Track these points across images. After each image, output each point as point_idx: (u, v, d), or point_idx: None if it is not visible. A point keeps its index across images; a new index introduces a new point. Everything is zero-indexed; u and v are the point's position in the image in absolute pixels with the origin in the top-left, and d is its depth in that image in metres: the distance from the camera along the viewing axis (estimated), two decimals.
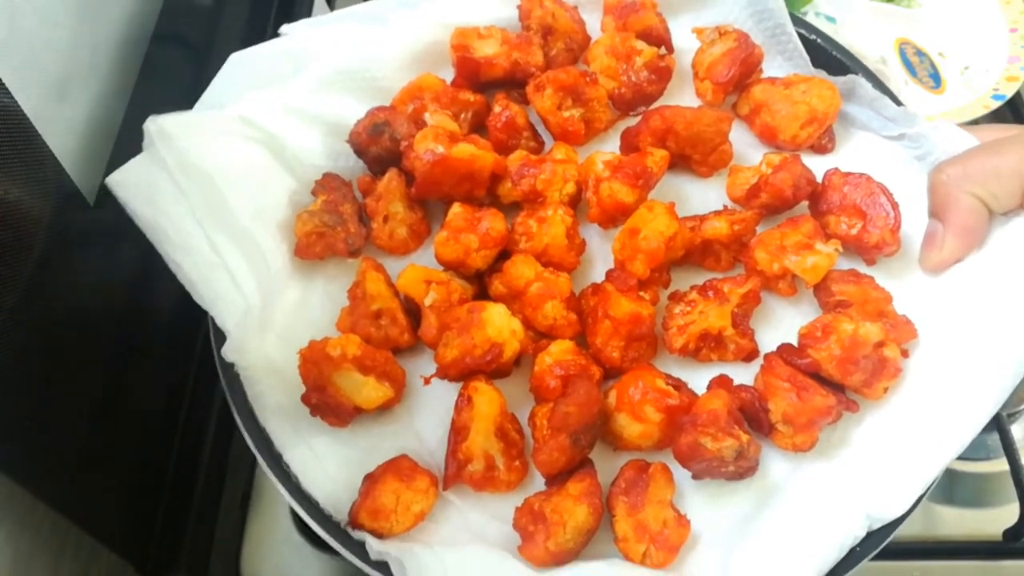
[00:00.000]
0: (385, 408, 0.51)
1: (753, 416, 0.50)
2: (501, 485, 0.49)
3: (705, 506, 0.49)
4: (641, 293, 0.53)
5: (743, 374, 0.52)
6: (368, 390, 0.49)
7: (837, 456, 0.49)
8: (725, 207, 0.57)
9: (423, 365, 0.52)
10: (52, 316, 0.49)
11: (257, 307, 0.50)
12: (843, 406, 0.49)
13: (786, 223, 0.54)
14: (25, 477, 0.45)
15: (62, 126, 0.51)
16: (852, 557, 0.46)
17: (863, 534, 0.46)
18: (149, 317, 0.62)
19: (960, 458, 0.63)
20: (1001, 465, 0.61)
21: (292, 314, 0.52)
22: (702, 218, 0.56)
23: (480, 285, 0.55)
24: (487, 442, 0.48)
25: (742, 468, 0.48)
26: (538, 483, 0.49)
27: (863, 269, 0.55)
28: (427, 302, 0.51)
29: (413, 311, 0.53)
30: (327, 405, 0.48)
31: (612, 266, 0.54)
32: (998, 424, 0.61)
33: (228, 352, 0.48)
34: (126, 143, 0.57)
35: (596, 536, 0.47)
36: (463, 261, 0.53)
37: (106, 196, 0.54)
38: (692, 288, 0.54)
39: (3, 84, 0.44)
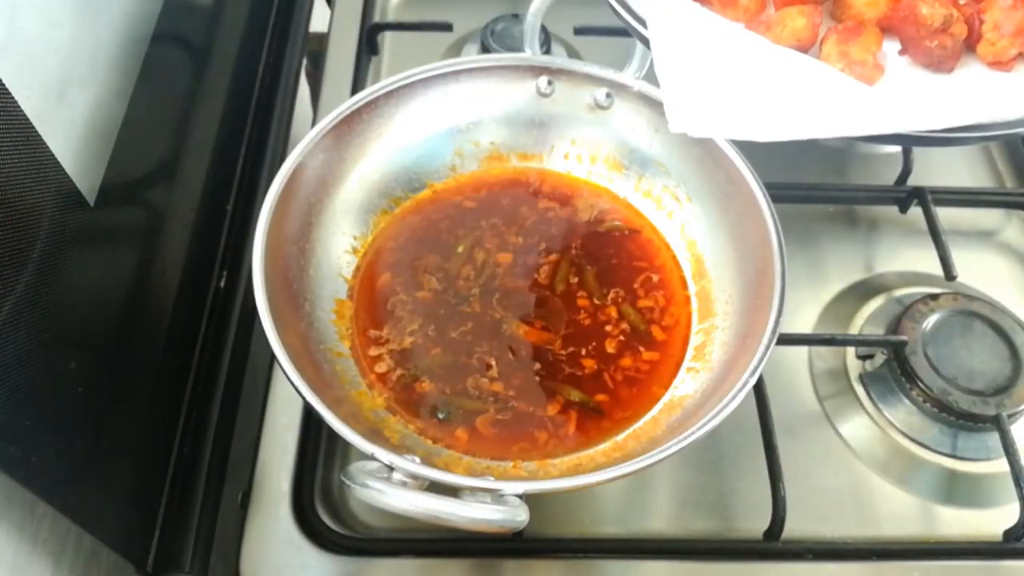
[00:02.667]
0: None
1: (969, 24, 0.57)
2: (740, 11, 0.60)
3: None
4: None
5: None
6: None
7: None
8: None
9: None
10: (51, 317, 0.49)
11: None
12: None
13: None
14: (25, 477, 0.45)
15: (62, 126, 0.51)
16: None
17: None
18: (149, 318, 0.62)
19: (960, 458, 0.63)
20: (1001, 465, 0.61)
21: None
22: None
23: None
24: None
25: (943, 47, 0.55)
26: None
27: None
28: None
29: None
30: None
31: None
32: (998, 424, 0.61)
33: None
34: (126, 143, 0.57)
35: None
36: None
37: (106, 196, 0.54)
38: None
39: (3, 84, 0.44)
